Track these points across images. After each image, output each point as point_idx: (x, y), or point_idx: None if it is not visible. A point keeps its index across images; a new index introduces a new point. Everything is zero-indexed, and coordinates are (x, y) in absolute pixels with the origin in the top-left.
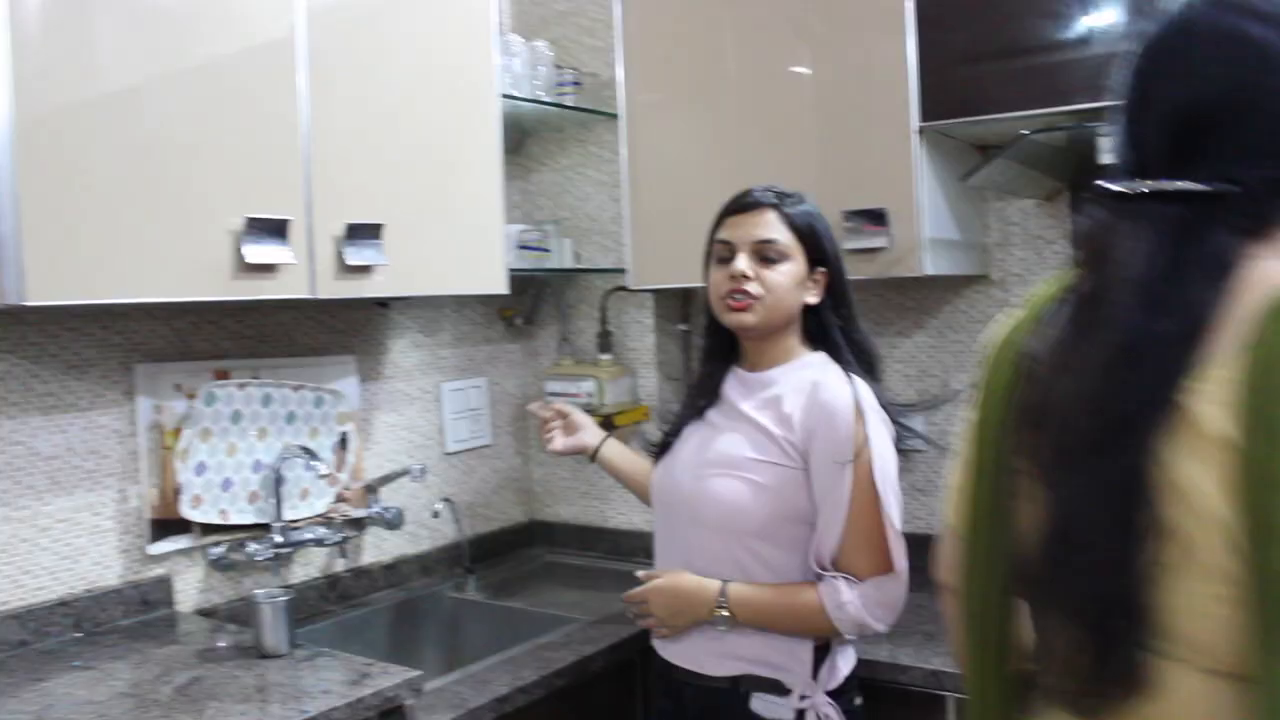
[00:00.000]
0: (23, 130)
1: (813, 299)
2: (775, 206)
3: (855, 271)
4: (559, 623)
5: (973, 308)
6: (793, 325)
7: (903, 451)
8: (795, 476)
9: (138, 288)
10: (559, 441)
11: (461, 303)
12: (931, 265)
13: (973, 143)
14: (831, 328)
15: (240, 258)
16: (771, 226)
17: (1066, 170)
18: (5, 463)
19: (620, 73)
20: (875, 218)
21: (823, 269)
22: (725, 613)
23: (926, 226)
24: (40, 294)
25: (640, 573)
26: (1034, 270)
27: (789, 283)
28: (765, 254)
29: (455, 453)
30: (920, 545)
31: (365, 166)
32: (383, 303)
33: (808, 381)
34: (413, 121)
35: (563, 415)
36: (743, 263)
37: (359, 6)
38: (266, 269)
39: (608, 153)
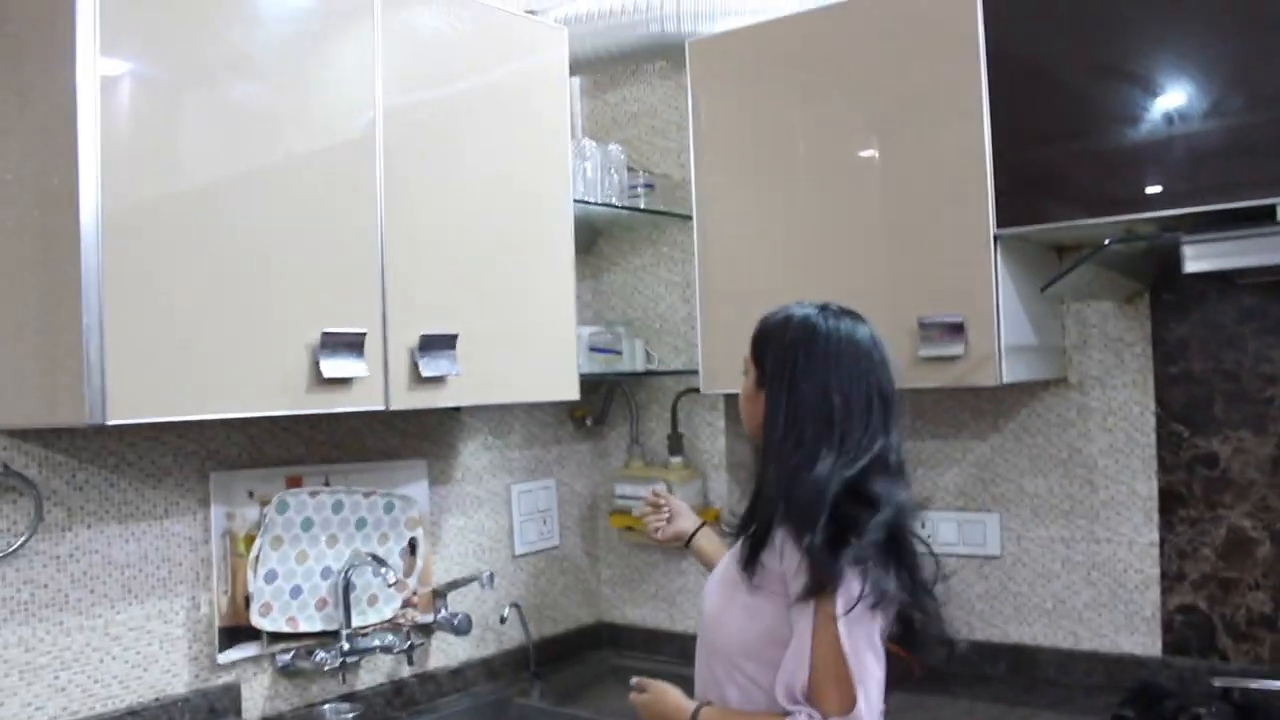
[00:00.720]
0: (108, 244)
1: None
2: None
3: (930, 380)
4: None
5: (1049, 411)
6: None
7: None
8: (780, 603)
9: (215, 404)
10: (664, 531)
11: (532, 404)
12: (1009, 373)
13: (1050, 245)
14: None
15: (317, 372)
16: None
17: (1147, 273)
18: (82, 571)
19: (692, 174)
20: (952, 326)
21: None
22: None
23: (1004, 334)
24: (121, 413)
25: (633, 680)
26: (1113, 373)
27: (742, 397)
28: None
29: (524, 555)
30: (993, 653)
31: (439, 275)
32: (455, 408)
33: None
34: (486, 228)
35: (658, 505)
36: None
37: (433, 112)
38: (342, 383)
39: (679, 253)
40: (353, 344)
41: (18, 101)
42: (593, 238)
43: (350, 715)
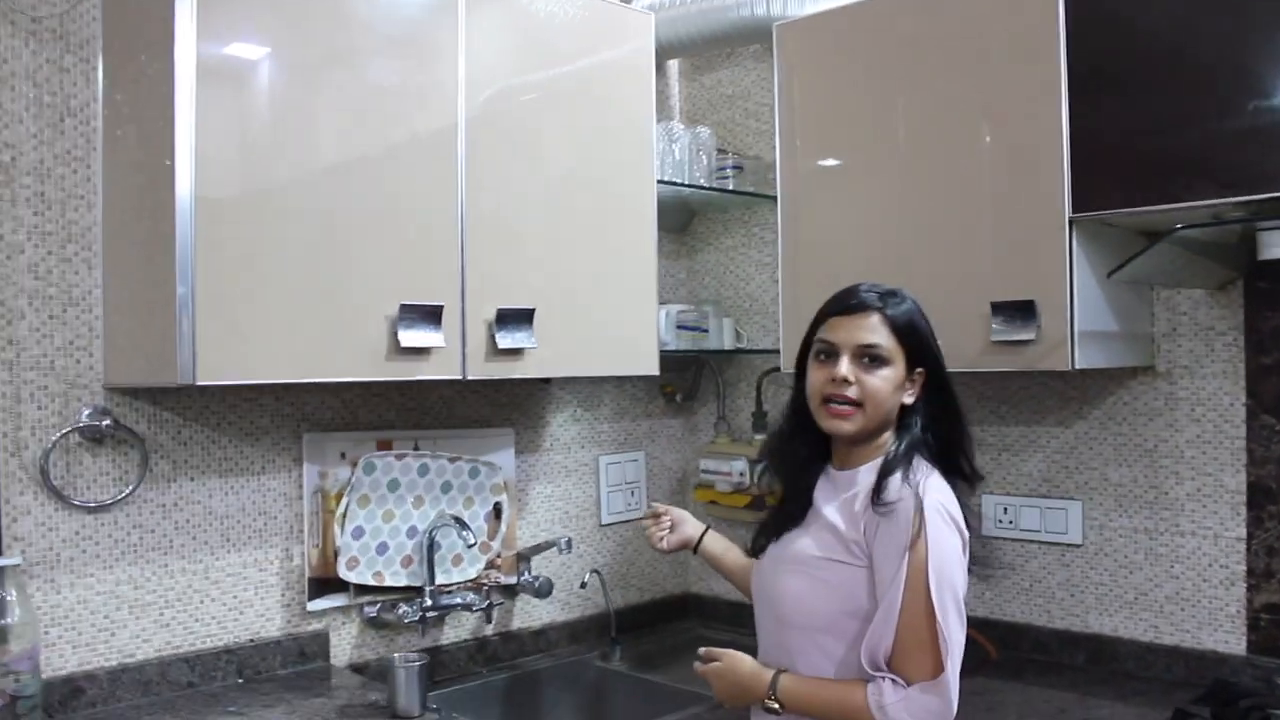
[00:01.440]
0: (201, 220)
1: (909, 399)
2: (879, 309)
3: (1002, 364)
4: (695, 699)
5: (1136, 399)
6: (887, 425)
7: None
8: (859, 574)
9: (298, 369)
10: (668, 540)
11: (623, 378)
12: (1082, 359)
13: (1140, 230)
14: (920, 426)
15: (396, 342)
16: (875, 330)
17: (1240, 260)
18: (184, 520)
19: (778, 157)
20: (1024, 310)
21: (920, 369)
22: (775, 704)
23: (1078, 319)
24: (209, 375)
25: (702, 650)
26: (1203, 363)
27: (889, 388)
28: (868, 357)
29: (610, 524)
30: (1072, 642)
31: (519, 253)
32: (545, 380)
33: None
34: (568, 209)
35: (657, 516)
36: (845, 367)
37: (518, 96)
38: (420, 352)
39: (770, 234)
40: (430, 316)
41: (134, 89)
42: (688, 218)
43: (416, 662)
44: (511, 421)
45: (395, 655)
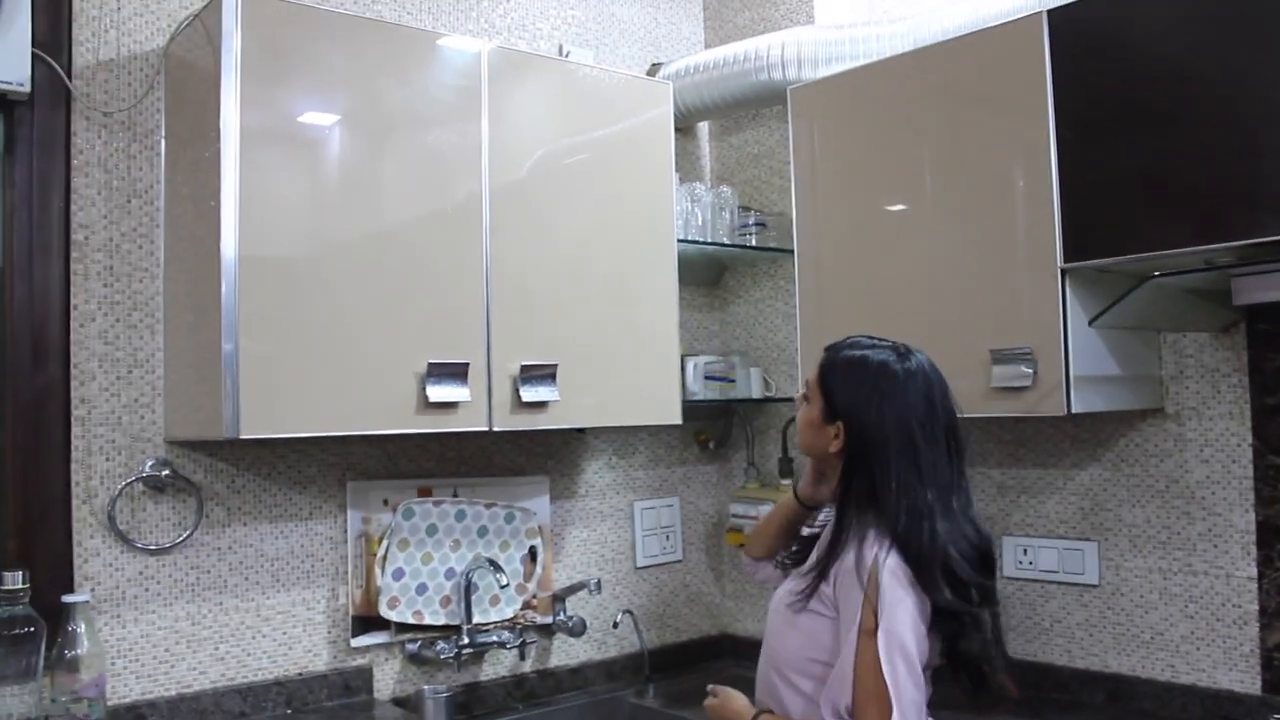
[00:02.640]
0: (244, 284)
1: (833, 448)
2: (826, 351)
3: (1002, 409)
4: None
5: (1147, 441)
6: (826, 466)
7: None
8: (827, 624)
9: (332, 423)
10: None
11: (657, 427)
12: (1080, 404)
13: (1134, 276)
14: (862, 487)
15: (424, 397)
16: (815, 369)
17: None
18: (238, 561)
19: (794, 212)
20: (1022, 357)
21: (839, 422)
22: None
23: (1074, 365)
24: (252, 429)
25: (710, 687)
26: (1209, 404)
27: (804, 423)
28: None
29: (645, 567)
30: (1091, 682)
31: (542, 311)
32: (580, 429)
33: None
34: (591, 268)
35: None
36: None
37: (541, 165)
38: (448, 406)
39: (794, 286)
40: (456, 373)
41: (190, 171)
42: (719, 273)
43: (444, 694)
44: (546, 469)
45: (425, 687)
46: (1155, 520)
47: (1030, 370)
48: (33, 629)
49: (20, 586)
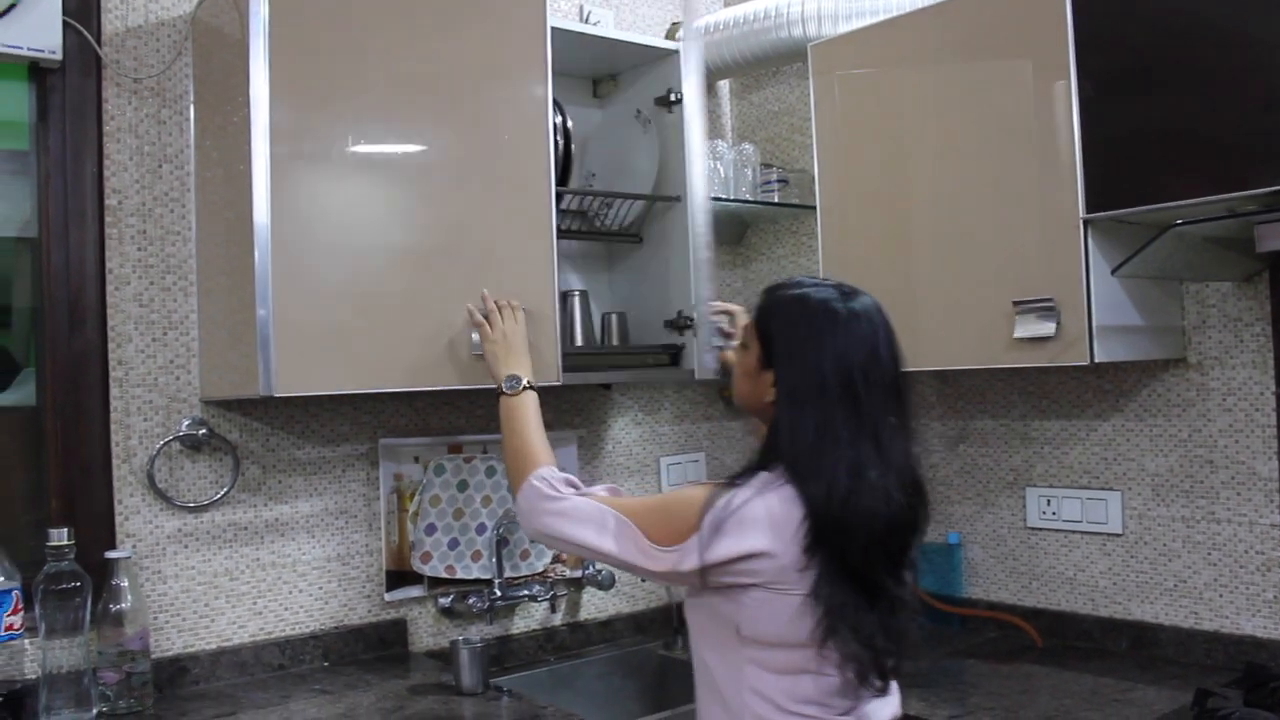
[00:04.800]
0: (277, 249)
1: (768, 397)
2: (765, 290)
3: (1025, 360)
4: None
5: (1170, 391)
6: (762, 418)
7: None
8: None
9: (362, 381)
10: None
11: (682, 384)
12: (1102, 353)
13: (1155, 227)
14: (780, 430)
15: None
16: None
17: (1263, 252)
18: (274, 518)
19: (816, 169)
20: (1044, 307)
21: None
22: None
23: (1096, 315)
24: (287, 387)
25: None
26: (1232, 353)
27: (738, 372)
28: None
29: None
30: (1115, 629)
31: None
32: (606, 385)
33: None
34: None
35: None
36: None
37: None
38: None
39: (816, 243)
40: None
41: (219, 136)
42: (742, 231)
43: (478, 645)
44: (574, 425)
45: (458, 638)
46: (1178, 469)
47: (1053, 321)
48: (79, 584)
49: (66, 543)
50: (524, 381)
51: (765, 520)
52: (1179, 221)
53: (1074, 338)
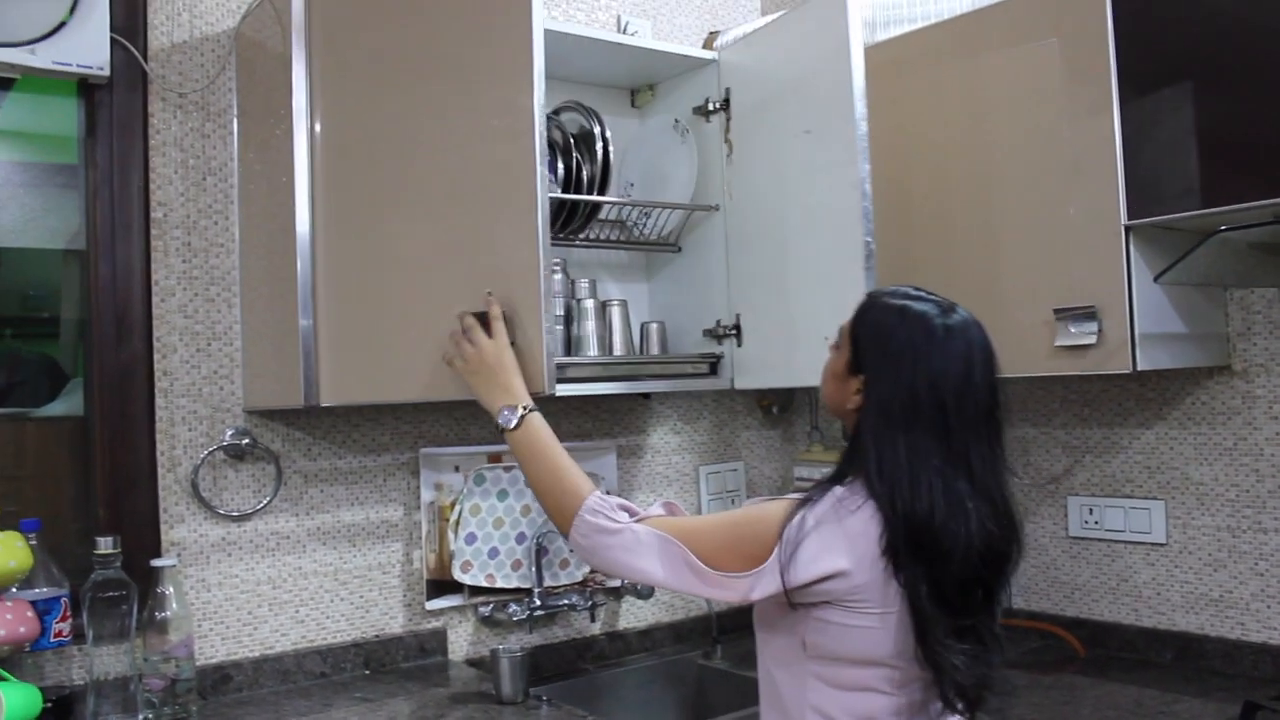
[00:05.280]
0: (319, 261)
1: (851, 404)
2: (868, 295)
3: (1066, 368)
4: None
5: (1214, 399)
6: (846, 420)
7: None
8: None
9: (402, 391)
10: None
11: (720, 394)
12: (1145, 361)
13: (1204, 232)
14: (865, 445)
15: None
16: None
17: None
18: (315, 527)
19: None
20: (1086, 315)
21: (863, 375)
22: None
23: (1139, 322)
24: (330, 397)
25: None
26: (1278, 360)
27: (827, 373)
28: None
29: None
30: (1159, 640)
31: None
32: (645, 395)
33: None
34: None
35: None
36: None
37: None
38: None
39: None
40: None
41: (262, 150)
42: None
43: (519, 654)
44: (613, 435)
45: (499, 647)
46: (1223, 478)
47: (1095, 329)
48: (125, 591)
49: (112, 551)
50: (520, 410)
51: (843, 539)
52: (1223, 227)
53: (1116, 345)
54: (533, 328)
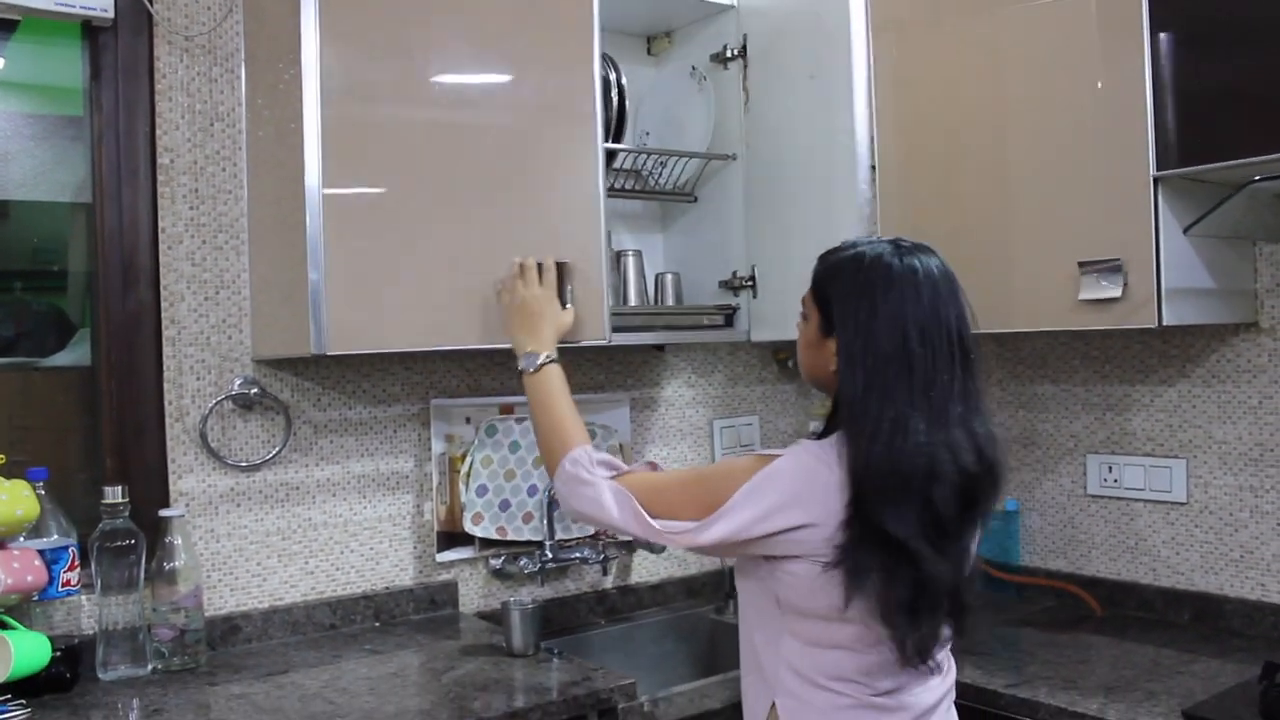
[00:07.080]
0: (329, 210)
1: (833, 366)
2: (820, 257)
3: (1090, 322)
4: None
5: (1240, 356)
6: (828, 391)
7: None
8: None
9: (414, 339)
10: None
11: (736, 347)
12: (1171, 316)
13: (1229, 185)
14: (841, 399)
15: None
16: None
17: None
18: (325, 478)
19: (874, 124)
20: (1111, 268)
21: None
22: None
23: (1165, 276)
24: (338, 346)
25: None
26: None
27: (802, 343)
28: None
29: None
30: (1177, 600)
31: None
32: (659, 347)
33: None
34: None
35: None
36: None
37: None
38: None
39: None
40: None
41: (271, 95)
42: None
43: (530, 606)
44: (627, 387)
45: (510, 599)
46: (1247, 437)
47: (1120, 281)
48: (133, 541)
49: (120, 501)
50: (541, 357)
51: (808, 492)
52: (1255, 179)
53: (1142, 300)
54: (594, 280)
